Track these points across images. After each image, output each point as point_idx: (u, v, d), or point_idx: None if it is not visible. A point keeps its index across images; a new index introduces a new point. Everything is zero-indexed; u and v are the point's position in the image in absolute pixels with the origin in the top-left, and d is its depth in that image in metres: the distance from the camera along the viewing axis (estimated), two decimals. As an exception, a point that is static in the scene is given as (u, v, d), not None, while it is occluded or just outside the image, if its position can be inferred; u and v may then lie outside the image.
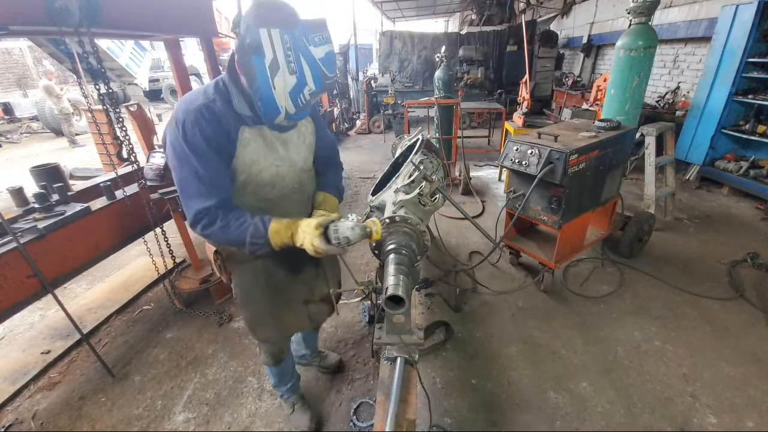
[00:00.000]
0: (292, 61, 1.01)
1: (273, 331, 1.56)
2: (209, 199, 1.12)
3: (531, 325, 2.55)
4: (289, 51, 1.00)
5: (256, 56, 0.99)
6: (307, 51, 1.02)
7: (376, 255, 1.50)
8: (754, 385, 2.06)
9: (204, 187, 1.11)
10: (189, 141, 1.09)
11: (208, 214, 1.12)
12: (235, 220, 1.13)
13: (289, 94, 1.05)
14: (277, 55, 1.00)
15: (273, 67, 1.01)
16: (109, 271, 3.26)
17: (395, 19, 17.39)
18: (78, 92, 8.78)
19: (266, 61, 1.00)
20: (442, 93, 5.17)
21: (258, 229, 1.13)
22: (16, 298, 1.87)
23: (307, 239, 1.11)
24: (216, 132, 1.12)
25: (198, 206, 1.11)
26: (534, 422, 1.90)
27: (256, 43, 0.98)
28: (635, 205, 4.00)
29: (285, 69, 1.02)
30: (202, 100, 1.12)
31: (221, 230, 1.13)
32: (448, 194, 1.73)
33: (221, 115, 1.13)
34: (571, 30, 10.12)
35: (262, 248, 1.15)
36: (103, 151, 4.61)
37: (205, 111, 1.11)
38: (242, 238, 1.13)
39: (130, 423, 1.95)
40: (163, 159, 2.50)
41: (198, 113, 1.10)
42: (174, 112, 1.13)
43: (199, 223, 1.14)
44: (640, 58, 3.19)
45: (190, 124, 1.09)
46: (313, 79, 1.06)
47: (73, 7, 1.75)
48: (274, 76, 1.02)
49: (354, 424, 1.90)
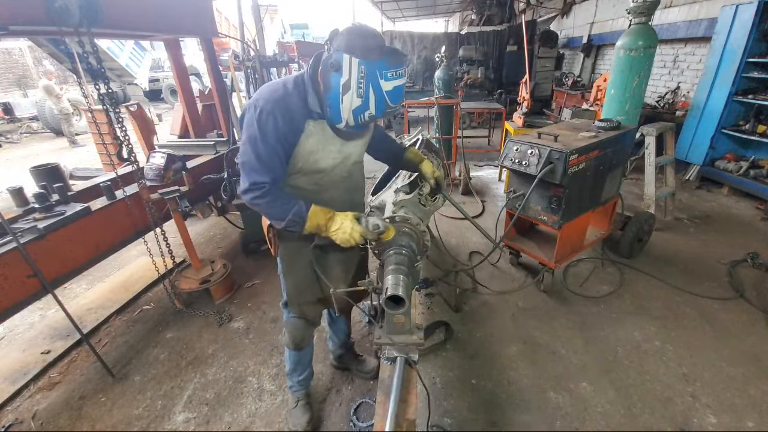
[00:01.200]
0: (361, 87, 1.18)
1: (309, 304, 1.67)
2: (264, 177, 1.27)
3: (531, 325, 2.55)
4: (362, 79, 1.17)
5: (335, 73, 1.19)
6: (377, 83, 1.18)
7: (376, 255, 1.50)
8: (754, 385, 2.06)
9: (262, 166, 1.26)
10: (261, 126, 1.24)
11: (261, 189, 1.27)
12: (282, 200, 1.30)
13: (353, 111, 1.23)
14: (351, 79, 1.18)
15: (345, 87, 1.19)
16: (109, 271, 3.26)
17: (395, 19, 17.39)
18: (78, 92, 8.79)
19: (342, 80, 1.18)
20: (442, 93, 5.17)
21: (300, 209, 1.29)
22: (16, 298, 1.87)
23: (347, 222, 1.31)
24: (286, 125, 1.27)
25: (255, 179, 1.26)
26: (534, 422, 1.90)
27: (338, 63, 1.17)
28: (635, 205, 4.00)
29: (354, 91, 1.19)
30: (282, 92, 1.27)
31: (268, 203, 1.29)
32: (448, 194, 1.73)
33: (294, 108, 1.28)
34: (571, 30, 10.12)
35: (297, 227, 1.30)
36: (103, 151, 4.62)
37: (282, 104, 1.26)
38: (284, 215, 1.28)
39: (130, 423, 1.95)
40: (163, 159, 2.50)
41: (276, 104, 1.25)
42: (256, 96, 1.28)
43: (251, 193, 1.28)
44: (640, 58, 3.19)
45: (266, 112, 1.23)
46: (375, 106, 1.22)
47: (73, 7, 1.75)
48: (344, 93, 1.20)
49: (354, 424, 1.90)
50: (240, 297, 2.90)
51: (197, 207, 3.90)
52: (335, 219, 1.32)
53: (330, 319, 2.07)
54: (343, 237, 1.30)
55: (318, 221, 1.30)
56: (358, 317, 2.63)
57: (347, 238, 1.30)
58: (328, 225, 1.31)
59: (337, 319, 2.05)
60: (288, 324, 1.74)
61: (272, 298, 2.85)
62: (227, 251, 3.61)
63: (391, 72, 1.18)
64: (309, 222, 1.29)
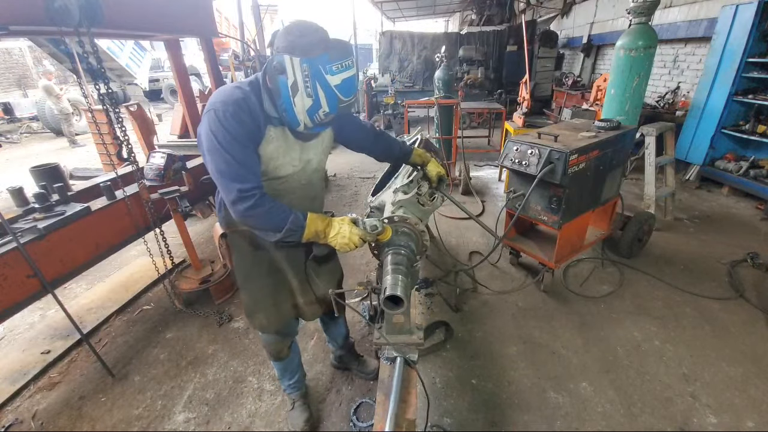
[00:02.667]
0: (308, 86, 1.15)
1: (268, 317, 1.60)
2: (251, 182, 1.19)
3: (531, 325, 2.55)
4: (308, 78, 1.14)
5: (281, 76, 1.15)
6: (323, 79, 1.14)
7: (376, 255, 1.50)
8: (754, 385, 2.06)
9: (243, 170, 1.18)
10: (229, 129, 1.16)
11: (253, 197, 1.18)
12: (277, 208, 1.22)
13: (307, 112, 1.19)
14: (297, 79, 1.14)
15: (294, 88, 1.16)
16: (109, 271, 3.26)
17: (395, 19, 17.39)
18: (78, 92, 8.80)
19: (288, 82, 1.15)
20: (442, 93, 5.17)
21: (298, 218, 1.23)
22: (16, 298, 1.87)
23: (345, 227, 1.28)
24: (251, 123, 1.21)
25: (240, 186, 1.17)
26: (534, 422, 1.90)
27: (282, 66, 1.13)
28: (635, 205, 3.99)
29: (303, 92, 1.16)
30: (239, 94, 1.21)
31: (266, 213, 1.20)
32: (449, 193, 1.73)
33: (254, 109, 1.22)
34: (571, 30, 10.11)
35: (295, 236, 1.24)
36: (103, 151, 4.62)
37: (243, 103, 1.19)
38: (282, 225, 1.21)
39: (130, 423, 1.95)
40: (163, 159, 2.50)
41: (237, 105, 1.18)
42: (210, 104, 1.20)
43: (242, 202, 1.18)
44: (640, 58, 3.19)
45: (230, 114, 1.16)
46: (328, 103, 1.18)
47: (73, 7, 1.75)
48: (294, 95, 1.16)
49: (354, 424, 1.90)
50: (240, 297, 2.90)
51: (197, 207, 3.90)
52: (333, 224, 1.29)
53: (324, 326, 2.06)
54: (342, 242, 1.27)
55: (316, 228, 1.25)
56: (358, 317, 2.63)
57: (346, 242, 1.27)
58: (326, 231, 1.27)
59: (331, 324, 2.03)
60: (262, 339, 1.73)
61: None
62: (227, 251, 3.61)
63: (336, 65, 1.13)
64: (307, 230, 1.24)
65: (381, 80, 9.82)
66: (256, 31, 6.90)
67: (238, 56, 6.90)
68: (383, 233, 1.32)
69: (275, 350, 1.73)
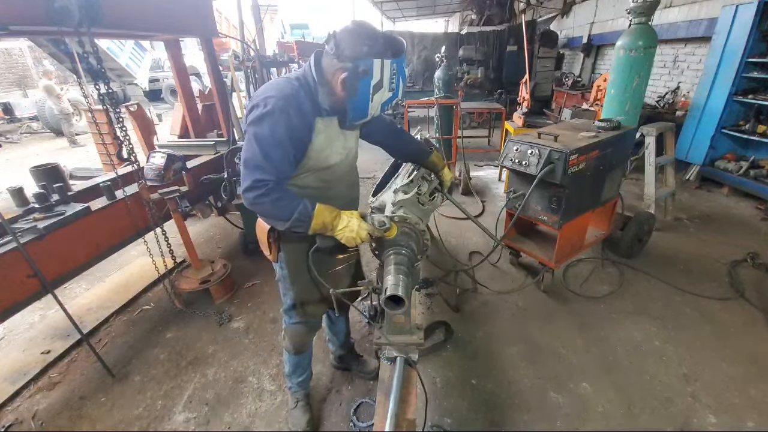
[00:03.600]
0: (394, 82, 1.25)
1: (315, 306, 1.66)
2: (269, 175, 1.21)
3: (531, 325, 2.55)
4: (394, 75, 1.24)
5: (365, 78, 1.20)
6: (404, 72, 1.27)
7: (376, 255, 1.50)
8: (754, 385, 2.06)
9: (268, 163, 1.21)
10: (274, 123, 1.20)
11: (265, 187, 1.20)
12: (287, 198, 1.25)
13: (382, 104, 1.30)
14: (383, 78, 1.23)
15: (377, 86, 1.23)
16: (109, 271, 3.26)
17: (395, 19, 17.40)
18: (78, 92, 8.78)
19: (372, 82, 1.22)
20: (442, 93, 5.17)
21: (306, 208, 1.24)
22: (16, 298, 1.87)
23: (353, 220, 1.30)
24: (299, 122, 1.25)
25: (257, 176, 1.20)
26: (534, 422, 1.90)
27: (369, 69, 1.19)
28: (635, 205, 3.99)
29: (386, 87, 1.25)
30: (292, 89, 1.24)
31: (273, 202, 1.22)
32: (448, 193, 1.73)
33: (305, 105, 1.27)
34: (571, 30, 10.11)
35: (302, 227, 1.25)
36: (103, 151, 4.62)
37: (294, 101, 1.23)
38: (289, 214, 1.23)
39: (130, 423, 1.95)
40: (163, 159, 2.50)
41: (287, 101, 1.21)
42: (264, 93, 1.23)
43: (253, 191, 1.21)
44: (640, 58, 3.19)
45: (279, 109, 1.19)
46: (401, 93, 1.31)
47: (73, 7, 1.75)
48: (375, 92, 1.24)
49: (354, 424, 1.90)
50: (240, 297, 2.91)
51: (197, 207, 3.91)
52: (341, 217, 1.30)
53: (329, 322, 2.07)
54: (350, 235, 1.29)
55: (324, 219, 1.26)
56: (359, 317, 2.63)
57: (354, 236, 1.28)
58: (334, 223, 1.28)
59: (336, 321, 2.04)
60: (289, 330, 1.73)
61: (272, 299, 2.85)
62: (227, 251, 3.61)
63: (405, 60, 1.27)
64: (315, 221, 1.24)
65: (381, 80, 9.80)
66: (256, 31, 6.89)
67: (238, 56, 6.90)
68: (390, 230, 1.33)
69: (300, 342, 1.74)
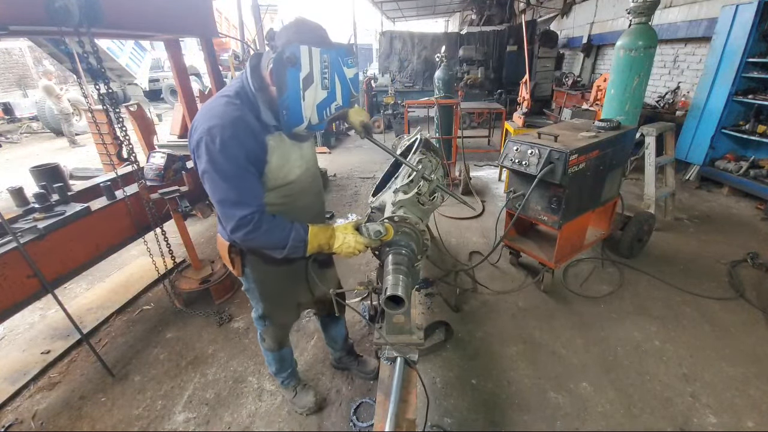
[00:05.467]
0: (327, 78, 1.13)
1: (288, 314, 1.72)
2: (250, 207, 1.16)
3: (531, 325, 2.55)
4: (326, 69, 1.12)
5: (291, 69, 1.08)
6: (341, 71, 1.14)
7: (376, 255, 1.50)
8: (754, 385, 2.06)
9: (244, 196, 1.16)
10: (229, 155, 1.11)
11: (252, 221, 1.17)
12: (278, 226, 1.20)
13: (317, 106, 1.17)
14: (313, 71, 1.10)
15: (307, 81, 1.11)
16: (109, 271, 3.26)
17: (395, 19, 17.40)
18: (78, 92, 8.79)
19: (301, 75, 1.09)
20: (442, 93, 5.17)
21: (299, 233, 1.22)
22: (16, 298, 1.87)
23: (349, 236, 1.28)
24: (252, 144, 1.16)
25: (241, 213, 1.15)
26: (534, 422, 1.90)
27: (295, 57, 1.07)
28: (635, 205, 3.99)
29: (318, 84, 1.13)
30: (234, 111, 1.14)
31: (266, 234, 1.18)
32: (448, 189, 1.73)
33: (253, 125, 1.17)
34: (571, 30, 10.11)
35: (300, 251, 1.24)
36: (103, 151, 4.62)
37: (241, 123, 1.14)
38: (284, 242, 1.21)
39: (130, 423, 1.95)
40: (163, 159, 2.50)
41: (234, 125, 1.12)
42: (204, 122, 1.12)
43: (242, 229, 1.17)
44: (640, 58, 3.19)
45: (228, 138, 1.10)
46: (342, 96, 1.19)
47: (73, 7, 1.75)
48: (306, 88, 1.12)
49: (354, 424, 1.90)
50: (240, 297, 2.90)
51: (197, 207, 3.91)
52: (336, 236, 1.30)
53: (324, 327, 2.06)
54: (348, 251, 1.30)
55: (320, 241, 1.26)
56: (357, 317, 2.63)
57: (352, 251, 1.30)
58: (330, 243, 1.29)
59: (331, 325, 2.03)
60: (267, 331, 1.75)
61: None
62: (227, 251, 3.61)
63: (350, 60, 1.16)
64: (311, 245, 1.24)
65: (381, 80, 9.82)
66: (256, 31, 6.89)
67: (238, 56, 6.90)
68: (387, 235, 1.34)
69: (282, 336, 1.78)
